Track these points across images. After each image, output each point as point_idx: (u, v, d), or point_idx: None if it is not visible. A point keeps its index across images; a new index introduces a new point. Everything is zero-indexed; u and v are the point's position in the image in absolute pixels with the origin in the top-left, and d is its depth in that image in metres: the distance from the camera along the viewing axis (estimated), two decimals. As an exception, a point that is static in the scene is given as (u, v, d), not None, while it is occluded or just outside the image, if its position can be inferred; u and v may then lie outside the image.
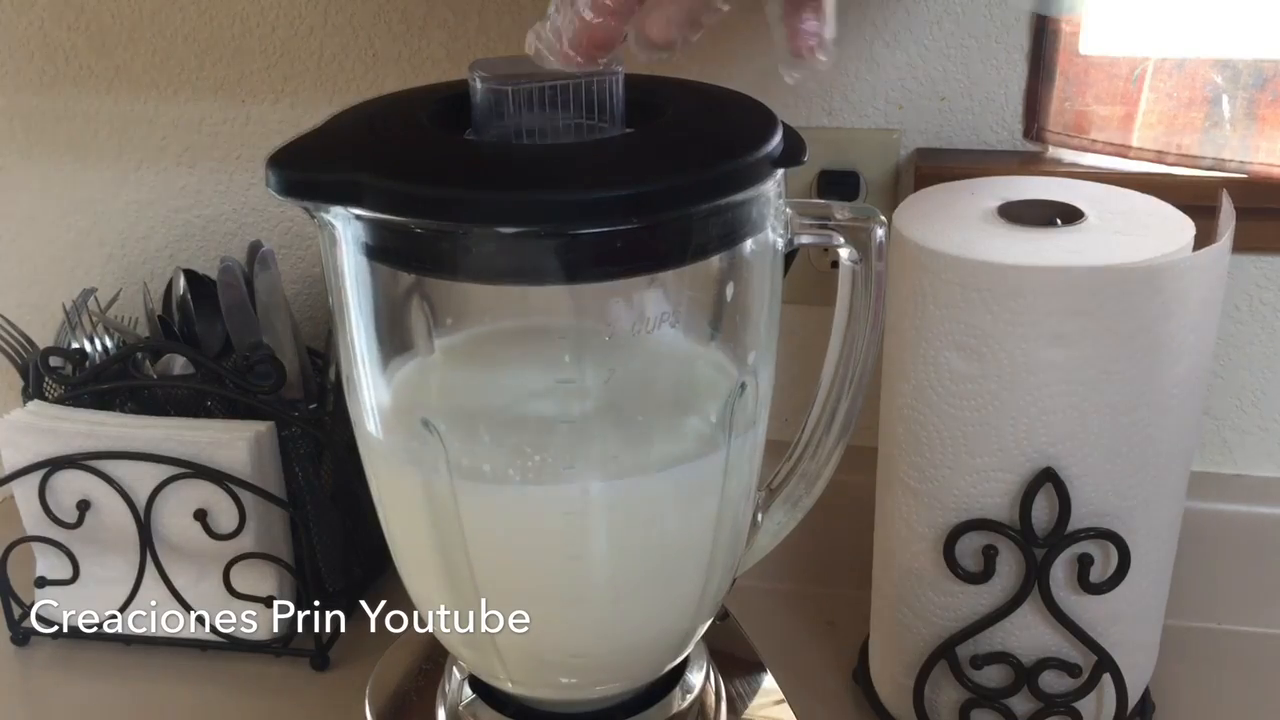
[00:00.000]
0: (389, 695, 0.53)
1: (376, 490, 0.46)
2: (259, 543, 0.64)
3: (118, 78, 0.75)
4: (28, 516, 0.66)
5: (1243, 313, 0.66)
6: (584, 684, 0.48)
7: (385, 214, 0.36)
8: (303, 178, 0.37)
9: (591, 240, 0.36)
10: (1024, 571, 0.52)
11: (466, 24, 0.70)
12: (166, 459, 0.62)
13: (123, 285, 0.76)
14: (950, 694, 0.56)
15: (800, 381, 0.48)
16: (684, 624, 0.47)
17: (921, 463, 0.53)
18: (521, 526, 0.43)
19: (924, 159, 0.66)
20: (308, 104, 0.74)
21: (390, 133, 0.40)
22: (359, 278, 0.40)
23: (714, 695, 0.51)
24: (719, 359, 0.44)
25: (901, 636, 0.57)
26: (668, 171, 0.37)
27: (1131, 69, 0.62)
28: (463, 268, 0.37)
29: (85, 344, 0.70)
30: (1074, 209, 0.52)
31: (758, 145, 0.38)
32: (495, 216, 0.35)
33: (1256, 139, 0.61)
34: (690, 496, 0.43)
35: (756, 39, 0.65)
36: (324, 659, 0.66)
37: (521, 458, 0.42)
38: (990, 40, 0.64)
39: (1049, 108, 0.64)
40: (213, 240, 0.79)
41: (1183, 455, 0.53)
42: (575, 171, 0.37)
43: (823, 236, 0.43)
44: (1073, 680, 0.54)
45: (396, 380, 0.43)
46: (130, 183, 0.78)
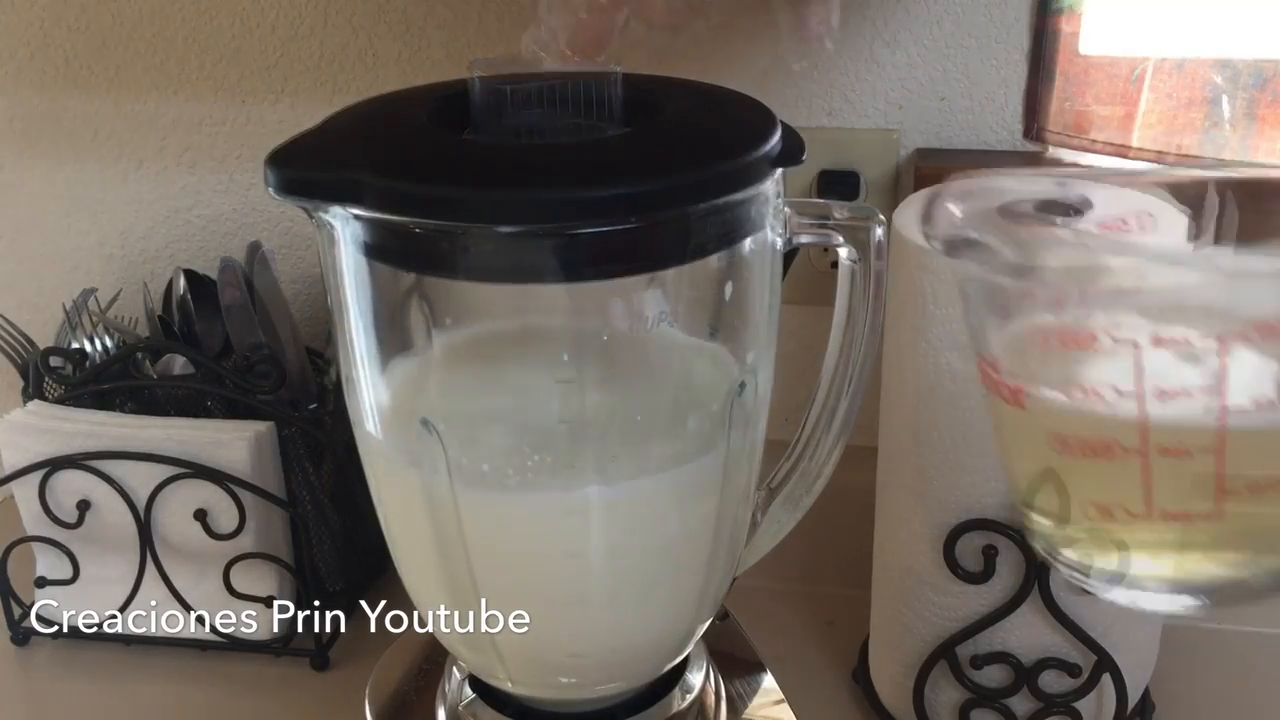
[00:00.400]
0: (389, 695, 0.53)
1: (376, 490, 0.46)
2: (259, 543, 0.64)
3: (118, 78, 0.75)
4: (28, 516, 0.66)
5: (1243, 313, 0.66)
6: (584, 684, 0.48)
7: (384, 213, 0.36)
8: (301, 176, 0.37)
9: (590, 239, 0.36)
10: (1024, 571, 0.52)
11: (466, 24, 0.70)
12: (166, 459, 0.62)
13: (123, 285, 0.76)
14: (950, 694, 0.56)
15: (800, 381, 0.48)
16: (684, 624, 0.47)
17: (921, 463, 0.53)
18: (521, 526, 0.43)
19: (924, 159, 0.66)
20: (308, 104, 0.74)
21: (389, 132, 0.40)
22: (358, 278, 0.40)
23: (714, 695, 0.51)
24: (718, 358, 0.44)
25: (901, 636, 0.57)
26: (666, 170, 0.37)
27: (1131, 69, 0.62)
28: (462, 267, 0.37)
29: (85, 344, 0.70)
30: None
31: (756, 145, 0.38)
32: (494, 215, 0.35)
33: (1256, 139, 0.61)
34: (690, 496, 0.43)
35: (757, 39, 0.65)
36: (324, 659, 0.66)
37: (521, 457, 0.42)
38: (990, 40, 0.64)
39: (1049, 108, 0.64)
40: (213, 240, 0.79)
41: (1183, 455, 0.53)
42: (574, 170, 0.37)
43: (822, 236, 0.43)
44: (1073, 680, 0.54)
45: (396, 380, 0.43)
46: (130, 183, 0.78)
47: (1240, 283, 0.25)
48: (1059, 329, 0.27)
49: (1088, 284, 0.27)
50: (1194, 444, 0.26)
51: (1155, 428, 0.26)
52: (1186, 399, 0.26)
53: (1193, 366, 0.26)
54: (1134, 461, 0.27)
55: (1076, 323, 0.27)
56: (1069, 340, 0.27)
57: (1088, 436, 0.27)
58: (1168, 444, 0.27)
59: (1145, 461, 0.27)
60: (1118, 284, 0.27)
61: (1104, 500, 0.28)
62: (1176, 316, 0.26)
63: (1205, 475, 0.27)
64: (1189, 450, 0.27)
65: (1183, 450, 0.27)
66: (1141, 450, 0.27)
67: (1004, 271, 0.27)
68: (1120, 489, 0.28)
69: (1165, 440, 0.27)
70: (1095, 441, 0.27)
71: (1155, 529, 0.28)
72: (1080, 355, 0.27)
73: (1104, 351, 0.26)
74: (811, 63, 0.38)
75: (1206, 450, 0.26)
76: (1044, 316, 0.28)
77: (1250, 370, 0.26)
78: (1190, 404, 0.26)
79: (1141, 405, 0.26)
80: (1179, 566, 0.29)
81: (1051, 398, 0.28)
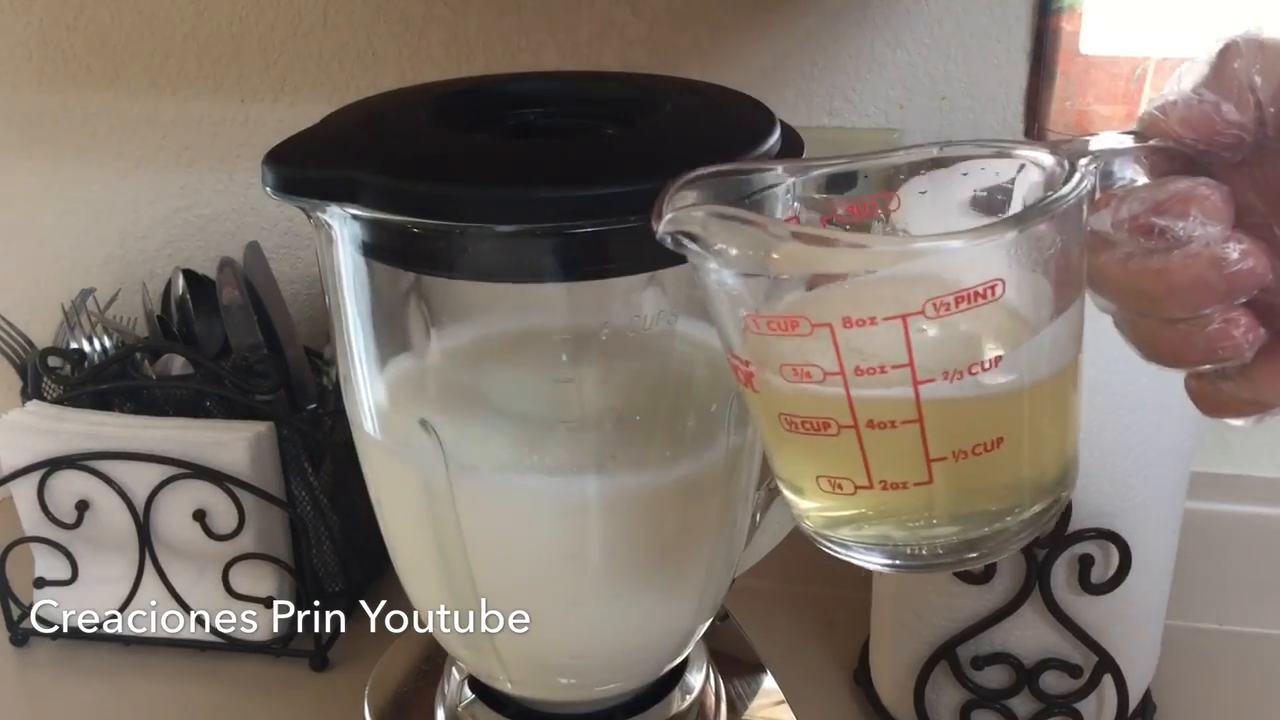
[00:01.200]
0: (389, 696, 0.53)
1: (375, 490, 0.46)
2: (258, 543, 0.64)
3: (117, 77, 0.75)
4: (27, 517, 0.66)
5: (1244, 312, 0.66)
6: (583, 684, 0.48)
7: (382, 212, 0.36)
8: (300, 175, 0.36)
9: (589, 238, 0.35)
10: (1024, 572, 0.52)
11: (466, 23, 0.70)
12: (166, 459, 0.62)
13: (122, 285, 0.76)
14: (951, 694, 0.56)
15: (800, 381, 0.48)
16: (684, 624, 0.47)
17: (922, 463, 0.53)
18: (520, 526, 0.43)
19: (924, 158, 0.66)
20: (307, 103, 0.74)
21: (387, 130, 0.40)
22: (356, 277, 0.40)
23: (714, 696, 0.51)
24: (718, 357, 0.44)
25: (902, 637, 0.57)
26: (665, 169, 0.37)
27: (1133, 68, 0.62)
28: (460, 266, 0.37)
29: (84, 344, 0.70)
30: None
31: (755, 144, 0.38)
32: (492, 214, 0.35)
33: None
34: (689, 496, 0.43)
35: (757, 39, 0.65)
36: (323, 659, 0.66)
37: (520, 458, 0.42)
38: (991, 39, 0.64)
39: (1050, 107, 0.64)
40: (212, 240, 0.79)
41: (1183, 455, 0.53)
42: (573, 170, 0.37)
43: (821, 235, 0.43)
44: (1074, 681, 0.54)
45: (394, 380, 0.43)
46: (129, 182, 0.78)
47: (913, 261, 0.27)
48: (768, 315, 0.29)
49: (797, 271, 0.29)
50: (896, 417, 0.29)
51: (860, 403, 0.29)
52: (882, 375, 0.28)
53: (884, 343, 0.28)
54: (850, 436, 0.29)
55: (787, 309, 0.29)
56: (777, 325, 0.29)
57: (807, 415, 0.30)
58: (874, 418, 0.29)
59: (858, 435, 0.29)
60: (825, 267, 0.29)
61: (832, 474, 0.31)
62: (867, 296, 0.28)
63: (912, 445, 0.29)
64: (894, 422, 0.29)
65: (888, 423, 0.29)
66: (854, 425, 0.29)
67: (730, 264, 0.29)
68: (843, 462, 0.30)
69: (871, 414, 0.29)
70: (814, 420, 0.30)
71: (881, 498, 0.30)
72: (789, 339, 0.29)
73: (807, 335, 0.28)
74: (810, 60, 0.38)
75: (909, 421, 0.29)
76: (764, 303, 0.30)
77: (933, 343, 0.28)
78: (886, 379, 0.28)
79: (845, 383, 0.28)
80: (911, 533, 0.31)
81: (772, 380, 0.30)
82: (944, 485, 0.30)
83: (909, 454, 0.29)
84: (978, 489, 0.31)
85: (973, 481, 0.30)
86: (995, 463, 0.30)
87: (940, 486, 0.30)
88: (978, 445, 0.29)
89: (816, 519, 0.33)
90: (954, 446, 0.29)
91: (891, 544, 0.32)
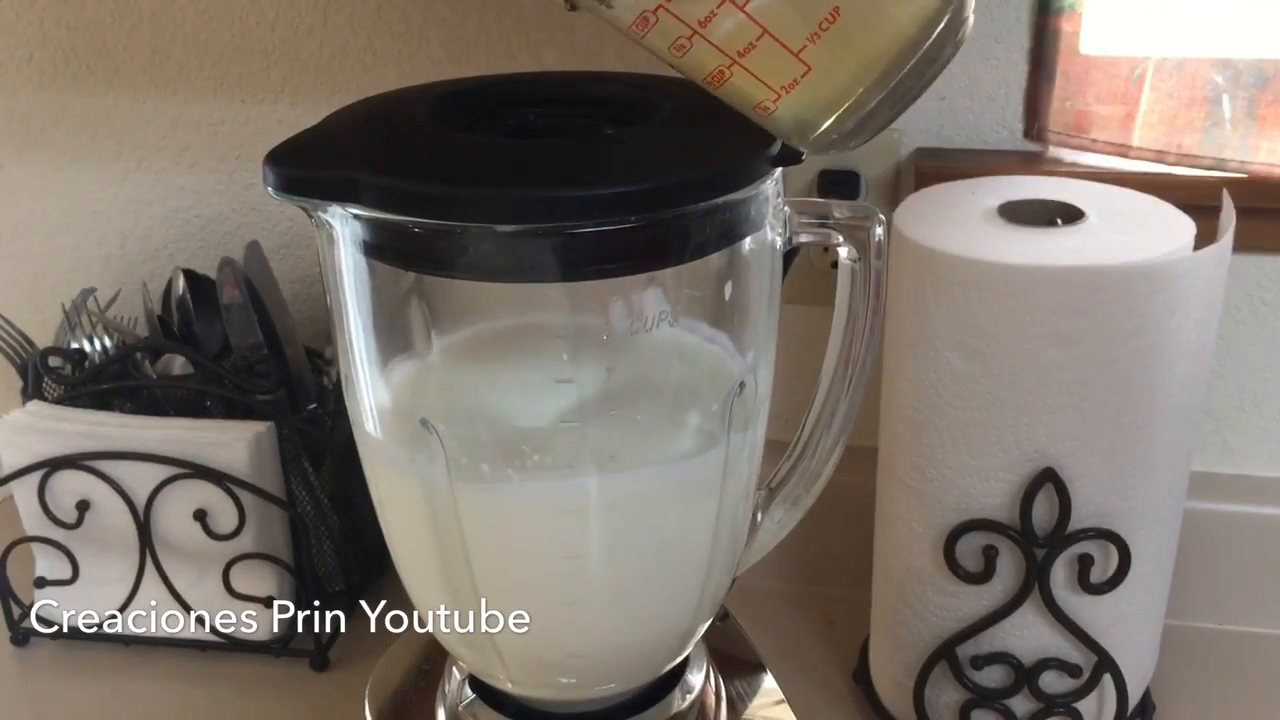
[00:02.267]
0: (389, 695, 0.53)
1: (376, 490, 0.46)
2: (259, 543, 0.64)
3: (117, 78, 0.75)
4: (27, 517, 0.66)
5: (1243, 313, 0.66)
6: (584, 684, 0.48)
7: (383, 212, 0.36)
8: (300, 175, 0.36)
9: (589, 238, 0.36)
10: (1024, 572, 0.52)
11: (466, 24, 0.70)
12: (166, 459, 0.62)
13: (122, 285, 0.76)
14: (950, 694, 0.56)
15: (800, 381, 0.48)
16: (683, 624, 0.47)
17: (921, 463, 0.53)
18: (520, 526, 0.43)
19: (924, 159, 0.66)
20: (307, 104, 0.74)
21: (388, 130, 0.40)
22: (357, 277, 0.40)
23: (714, 695, 0.51)
24: (718, 358, 0.44)
25: (901, 637, 0.57)
26: (666, 169, 0.37)
27: (1132, 68, 0.62)
28: (461, 265, 0.37)
29: (85, 344, 0.70)
30: (1074, 209, 0.52)
31: (756, 143, 0.38)
32: (493, 214, 0.35)
33: (1257, 139, 0.61)
34: (689, 496, 0.43)
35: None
36: (324, 659, 0.66)
37: (520, 457, 0.42)
38: (991, 40, 0.64)
39: (1049, 107, 0.64)
40: (212, 240, 0.79)
41: (1183, 455, 0.53)
42: (573, 169, 0.37)
43: (822, 235, 0.43)
44: (1073, 681, 0.54)
45: (395, 380, 0.43)
46: (130, 183, 0.78)
47: None
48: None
49: None
50: (750, 37, 0.32)
51: (720, 42, 0.32)
52: (718, 13, 0.31)
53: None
54: (740, 70, 0.33)
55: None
56: None
57: (708, 71, 0.33)
58: (736, 47, 0.32)
59: (742, 67, 0.33)
60: None
61: (758, 99, 0.34)
62: None
63: (777, 50, 0.32)
64: (752, 44, 0.32)
65: (749, 46, 0.32)
66: (733, 61, 0.33)
67: None
68: (754, 90, 0.34)
69: (733, 46, 0.32)
70: (713, 72, 0.33)
71: (797, 98, 0.33)
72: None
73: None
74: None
75: (760, 36, 0.32)
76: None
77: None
78: (724, 14, 0.31)
79: (705, 37, 0.32)
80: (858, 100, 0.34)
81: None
82: (826, 62, 0.33)
83: (781, 57, 0.32)
84: (857, 46, 0.33)
85: (848, 44, 0.33)
86: (852, 20, 0.32)
87: (825, 64, 0.33)
88: (823, 22, 0.32)
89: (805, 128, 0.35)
90: (807, 33, 0.32)
91: (857, 114, 0.35)
